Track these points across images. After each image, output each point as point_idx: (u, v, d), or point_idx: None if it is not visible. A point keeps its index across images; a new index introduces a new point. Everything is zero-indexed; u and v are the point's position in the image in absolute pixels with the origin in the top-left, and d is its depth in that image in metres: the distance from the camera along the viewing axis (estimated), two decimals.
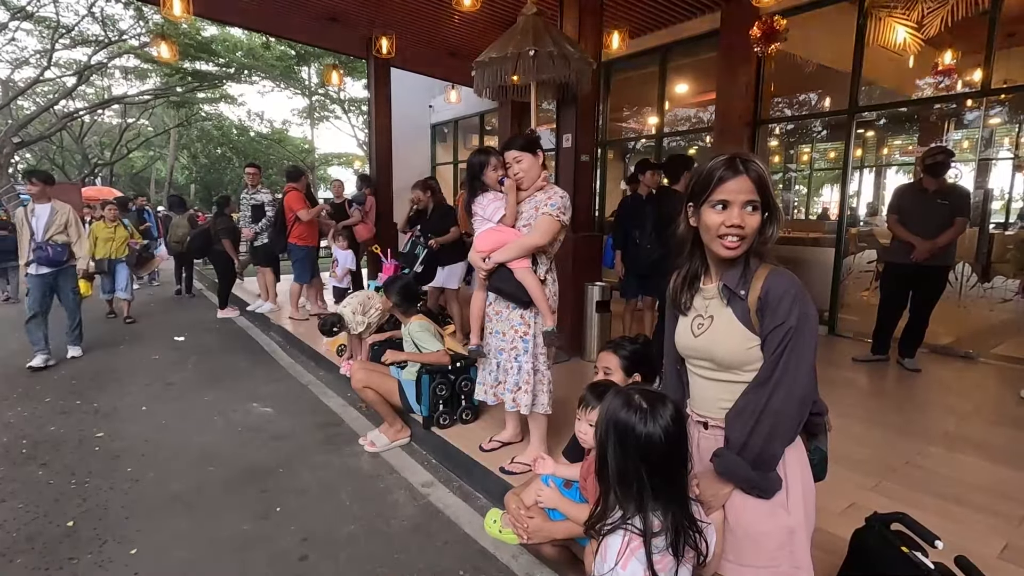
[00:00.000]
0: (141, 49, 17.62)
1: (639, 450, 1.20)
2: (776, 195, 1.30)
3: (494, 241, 2.57)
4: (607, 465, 1.25)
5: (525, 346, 2.62)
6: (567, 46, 3.82)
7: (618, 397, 1.28)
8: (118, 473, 2.96)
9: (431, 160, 12.71)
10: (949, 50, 5.69)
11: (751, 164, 1.24)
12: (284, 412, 3.86)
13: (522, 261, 2.55)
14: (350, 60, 15.94)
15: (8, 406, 3.90)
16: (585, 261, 4.64)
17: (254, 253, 6.74)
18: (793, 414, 1.25)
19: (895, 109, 7.48)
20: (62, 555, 2.26)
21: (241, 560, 2.24)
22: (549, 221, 2.51)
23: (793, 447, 1.31)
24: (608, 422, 1.24)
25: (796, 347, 1.21)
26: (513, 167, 2.57)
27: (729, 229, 1.25)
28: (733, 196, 1.24)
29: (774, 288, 1.24)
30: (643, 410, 1.22)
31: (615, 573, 1.21)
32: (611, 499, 1.26)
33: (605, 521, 1.26)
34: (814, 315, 1.25)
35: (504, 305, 2.65)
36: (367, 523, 2.50)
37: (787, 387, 1.22)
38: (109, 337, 5.88)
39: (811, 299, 1.25)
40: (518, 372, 2.64)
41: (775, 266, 1.28)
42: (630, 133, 9.20)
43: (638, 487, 1.21)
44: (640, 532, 1.21)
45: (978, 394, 3.95)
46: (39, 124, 20.16)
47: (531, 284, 2.53)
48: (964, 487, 2.56)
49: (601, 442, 1.26)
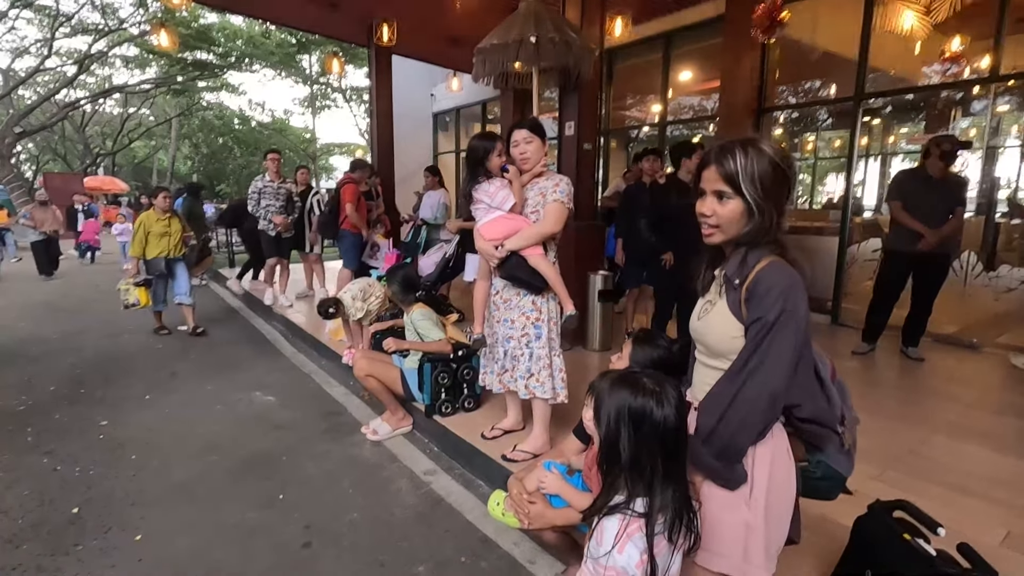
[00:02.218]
0: (141, 38, 17.52)
1: (656, 434, 1.19)
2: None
3: (507, 228, 2.55)
4: (618, 454, 1.23)
5: (538, 332, 2.60)
6: (569, 32, 3.77)
7: (622, 384, 1.26)
8: (122, 461, 2.98)
9: (433, 149, 12.66)
10: (957, 36, 5.61)
11: (724, 156, 1.24)
12: (287, 401, 3.87)
13: (536, 248, 2.54)
14: (351, 48, 15.83)
15: (13, 395, 3.92)
16: (587, 250, 4.62)
17: (278, 244, 6.30)
18: (762, 409, 1.22)
19: (901, 96, 7.38)
20: (67, 542, 2.28)
21: (244, 548, 2.25)
22: (560, 208, 2.52)
23: (766, 445, 1.27)
24: (619, 411, 1.22)
25: (774, 342, 1.19)
26: (521, 146, 2.55)
27: (701, 217, 1.31)
28: (706, 184, 1.29)
29: (763, 280, 1.22)
30: (656, 393, 1.21)
31: (611, 557, 1.21)
32: (618, 485, 1.25)
33: (608, 504, 1.25)
34: (802, 314, 1.20)
35: (514, 292, 2.63)
36: (369, 511, 2.51)
37: (759, 381, 1.20)
38: (112, 327, 5.89)
39: (804, 297, 1.21)
40: (530, 359, 2.63)
41: (778, 259, 1.24)
42: (633, 121, 9.13)
43: (651, 471, 1.21)
44: (640, 515, 1.21)
45: (982, 383, 3.93)
46: (40, 114, 20.13)
47: (548, 271, 2.53)
48: (968, 476, 2.55)
49: (611, 431, 1.24)
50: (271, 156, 6.26)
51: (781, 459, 1.30)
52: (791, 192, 1.27)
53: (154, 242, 5.21)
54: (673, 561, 1.24)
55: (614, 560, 1.21)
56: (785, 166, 1.23)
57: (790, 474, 1.32)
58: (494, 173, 2.60)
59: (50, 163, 27.67)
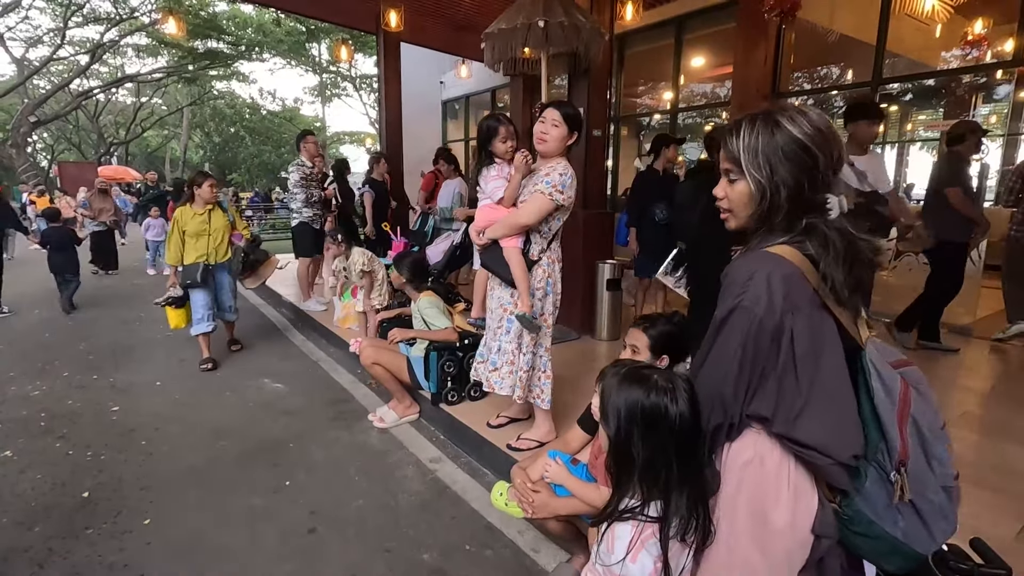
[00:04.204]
0: (152, 26, 17.58)
1: (671, 433, 1.13)
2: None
3: (488, 218, 2.51)
4: (630, 457, 1.17)
5: (509, 326, 2.53)
6: (578, 16, 3.71)
7: (632, 382, 1.19)
8: (133, 446, 3.02)
9: (442, 137, 12.61)
10: (980, 19, 5.45)
11: (730, 132, 1.11)
12: (295, 388, 3.89)
13: (512, 239, 2.44)
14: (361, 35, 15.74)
15: (28, 380, 3.98)
16: (596, 239, 4.57)
17: (318, 239, 5.38)
18: (711, 411, 1.12)
19: (920, 81, 7.22)
20: (78, 525, 2.31)
21: (251, 532, 2.27)
22: (540, 200, 2.36)
23: (736, 454, 1.13)
24: (631, 410, 1.16)
25: (716, 342, 1.09)
26: (545, 125, 2.39)
27: (717, 201, 1.18)
28: (720, 164, 1.16)
29: (729, 272, 1.11)
30: (669, 389, 1.14)
31: (624, 566, 1.17)
32: (629, 487, 1.19)
33: (619, 508, 1.20)
34: (762, 310, 1.02)
35: (497, 282, 2.58)
36: (375, 498, 2.52)
37: (701, 384, 1.14)
38: (124, 314, 5.96)
39: (779, 291, 1.02)
40: (498, 351, 2.58)
41: (782, 248, 1.08)
42: (644, 108, 9.02)
43: (666, 474, 1.14)
44: (655, 520, 1.16)
45: (1000, 375, 3.86)
46: (55, 103, 20.33)
47: (513, 263, 2.42)
48: (982, 468, 2.50)
49: (622, 432, 1.18)
50: (309, 138, 5.45)
51: (763, 476, 1.10)
52: (819, 170, 1.04)
53: (191, 244, 4.12)
54: (688, 559, 1.19)
55: (627, 570, 1.17)
56: (808, 141, 1.03)
57: (785, 504, 1.09)
58: (499, 156, 2.55)
59: (65, 152, 27.98)
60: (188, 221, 4.11)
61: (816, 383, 1.03)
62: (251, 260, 4.80)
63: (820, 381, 1.04)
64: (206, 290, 4.17)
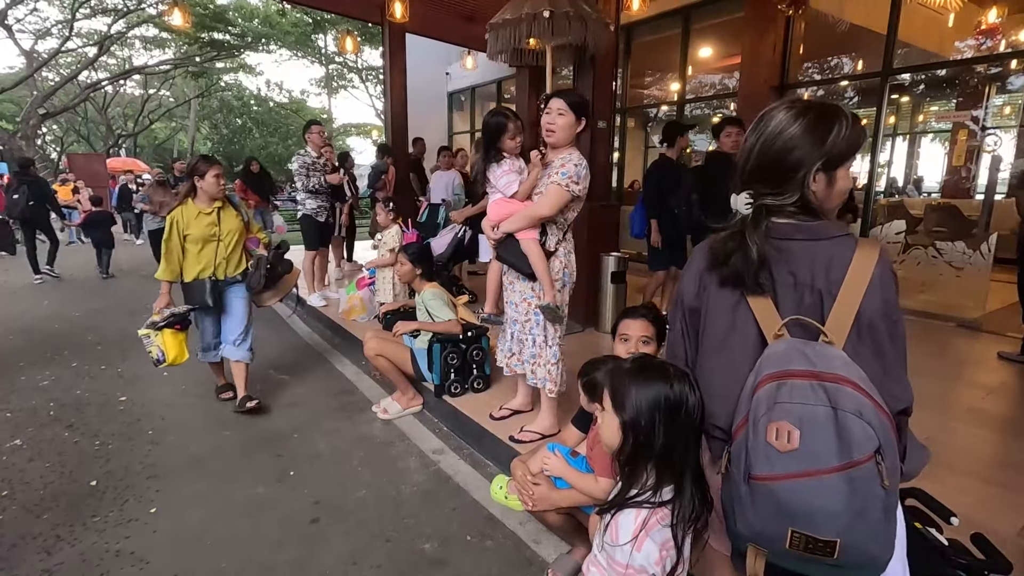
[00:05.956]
0: (159, 18, 17.59)
1: (692, 421, 1.16)
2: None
3: (503, 211, 2.51)
4: (649, 446, 1.18)
5: (537, 319, 2.57)
6: (584, 6, 3.67)
7: (652, 374, 1.19)
8: (139, 436, 3.05)
9: (448, 129, 12.58)
10: (994, 7, 5.35)
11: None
12: (300, 379, 3.92)
13: (529, 232, 2.47)
14: (367, 27, 15.70)
15: (37, 370, 4.03)
16: (601, 231, 4.55)
17: (323, 232, 5.42)
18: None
19: (932, 72, 7.11)
20: (85, 513, 2.34)
21: (255, 521, 2.30)
22: (557, 191, 2.39)
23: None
24: (655, 402, 1.16)
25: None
26: (552, 115, 2.38)
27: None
28: None
29: None
30: (687, 378, 1.18)
31: (629, 555, 1.18)
32: (640, 476, 1.21)
33: (628, 496, 1.22)
34: (681, 296, 1.22)
35: (515, 276, 2.60)
36: (377, 488, 2.54)
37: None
38: (131, 305, 6.01)
39: (689, 275, 1.23)
40: (533, 344, 2.61)
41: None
42: (651, 99, 8.94)
43: (681, 460, 1.18)
44: (666, 503, 1.18)
45: (1006, 369, 3.82)
46: (63, 95, 20.40)
47: (533, 255, 2.45)
48: (986, 463, 2.49)
49: (644, 423, 1.17)
50: (315, 128, 5.32)
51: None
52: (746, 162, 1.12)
53: (193, 253, 3.13)
54: (687, 543, 1.22)
55: (632, 558, 1.18)
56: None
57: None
58: (508, 153, 2.55)
59: (74, 144, 28.14)
60: (191, 222, 3.07)
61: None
62: (278, 273, 3.65)
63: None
64: (214, 315, 3.31)
